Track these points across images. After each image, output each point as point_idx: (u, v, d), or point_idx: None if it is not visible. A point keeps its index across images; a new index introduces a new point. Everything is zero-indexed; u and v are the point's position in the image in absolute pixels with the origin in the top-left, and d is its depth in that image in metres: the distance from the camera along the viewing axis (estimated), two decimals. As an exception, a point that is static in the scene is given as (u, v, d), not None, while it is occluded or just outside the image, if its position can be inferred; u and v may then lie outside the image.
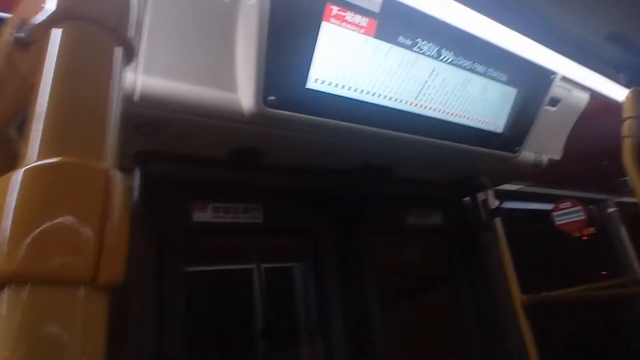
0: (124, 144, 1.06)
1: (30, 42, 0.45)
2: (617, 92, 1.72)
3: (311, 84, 1.03)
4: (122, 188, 0.39)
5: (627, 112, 1.57)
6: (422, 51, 1.21)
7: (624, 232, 3.30)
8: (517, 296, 2.09)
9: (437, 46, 1.22)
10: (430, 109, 1.34)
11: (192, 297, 1.34)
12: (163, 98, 0.89)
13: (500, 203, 2.33)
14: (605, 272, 3.28)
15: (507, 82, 1.47)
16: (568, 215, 2.11)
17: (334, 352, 1.55)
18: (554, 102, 1.77)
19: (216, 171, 1.28)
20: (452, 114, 1.41)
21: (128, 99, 0.86)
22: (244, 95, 0.98)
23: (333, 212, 1.67)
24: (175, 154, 1.17)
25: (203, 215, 1.36)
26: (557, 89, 1.68)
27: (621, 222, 3.32)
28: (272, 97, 0.98)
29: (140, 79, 0.86)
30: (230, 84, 0.98)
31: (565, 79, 1.64)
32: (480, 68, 1.36)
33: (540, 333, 2.06)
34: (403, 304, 2.20)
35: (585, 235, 3.40)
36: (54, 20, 0.41)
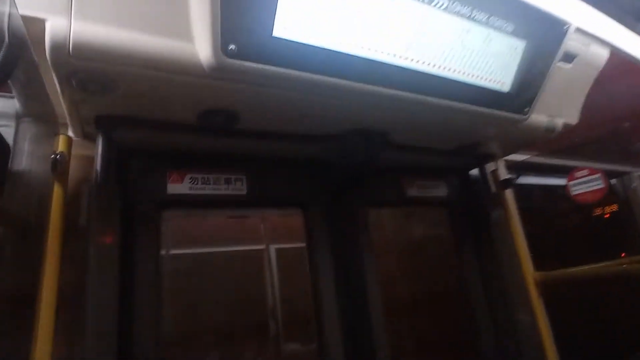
0: (77, 105, 0.97)
1: None
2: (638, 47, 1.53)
3: (279, 31, 0.90)
4: None
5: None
6: (434, 4, 1.07)
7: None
8: (530, 273, 1.95)
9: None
10: (424, 63, 1.19)
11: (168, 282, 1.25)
12: (102, 48, 0.78)
13: (511, 174, 2.17)
14: (624, 255, 3.08)
15: (514, 34, 1.30)
16: (586, 184, 1.93)
17: (328, 339, 1.45)
18: (569, 58, 1.59)
19: (188, 137, 1.18)
20: (451, 70, 1.26)
21: (61, 51, 0.76)
22: (201, 44, 0.87)
23: (325, 184, 1.55)
24: (141, 117, 1.07)
25: (179, 187, 1.26)
26: (572, 43, 1.50)
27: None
28: (233, 46, 0.86)
29: (72, 25, 0.75)
30: (183, 31, 0.86)
31: (581, 31, 1.47)
32: (481, 16, 1.21)
33: (554, 313, 1.94)
34: (405, 284, 2.09)
35: (607, 214, 3.20)
36: None
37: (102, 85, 0.88)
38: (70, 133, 1.11)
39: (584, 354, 2.40)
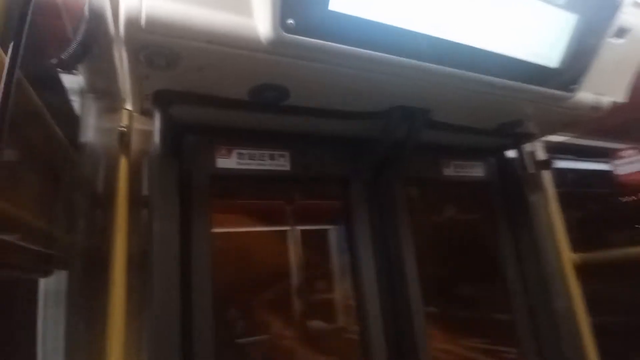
0: (141, 80, 1.02)
1: None
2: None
3: (334, 4, 0.92)
4: None
5: None
6: None
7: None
8: (567, 255, 1.94)
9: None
10: (472, 38, 1.18)
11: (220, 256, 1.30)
12: (173, 22, 0.82)
13: (550, 156, 2.13)
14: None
15: (566, 7, 1.27)
16: (632, 164, 1.88)
17: (367, 312, 1.49)
18: (621, 32, 1.53)
19: (239, 113, 1.21)
20: (499, 45, 1.24)
21: (134, 25, 0.80)
22: (260, 19, 0.89)
23: (365, 161, 1.57)
24: (195, 93, 1.11)
25: (228, 162, 1.31)
26: (625, 16, 1.44)
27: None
28: (291, 21, 0.88)
29: (145, 1, 0.79)
30: (244, 6, 0.89)
31: (635, 4, 1.41)
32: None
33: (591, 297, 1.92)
34: (441, 264, 2.11)
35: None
36: None
37: (166, 59, 0.92)
38: (129, 108, 1.17)
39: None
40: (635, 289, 2.30)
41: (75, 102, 1.10)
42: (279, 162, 1.41)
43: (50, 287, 1.00)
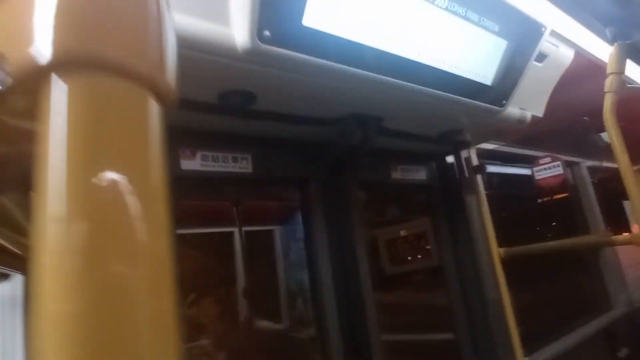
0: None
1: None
2: (602, 50, 1.75)
3: (307, 20, 0.99)
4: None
5: (610, 67, 1.61)
6: (436, 3, 1.19)
7: (592, 194, 3.47)
8: (495, 249, 2.18)
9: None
10: (423, 55, 1.32)
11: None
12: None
13: (482, 161, 2.39)
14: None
15: (499, 33, 1.46)
16: (548, 170, 2.19)
17: (323, 302, 1.58)
18: (541, 57, 1.79)
19: (205, 116, 1.24)
20: (444, 63, 1.40)
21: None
22: (238, 29, 0.94)
23: (322, 163, 1.66)
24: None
25: (192, 163, 1.33)
26: (544, 44, 1.69)
27: (591, 184, 3.49)
28: (268, 32, 0.94)
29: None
30: (221, 15, 0.93)
31: (552, 34, 1.65)
32: (473, 16, 1.35)
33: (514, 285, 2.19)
34: (387, 257, 2.27)
35: (556, 201, 3.57)
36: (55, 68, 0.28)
37: (141, 62, 0.93)
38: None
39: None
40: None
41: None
42: (241, 165, 1.45)
43: (6, 293, 0.94)
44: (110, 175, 0.27)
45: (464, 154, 2.29)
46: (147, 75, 0.31)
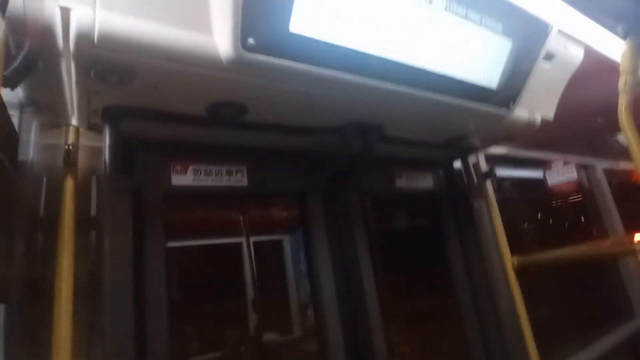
0: (90, 96, 0.96)
1: None
2: (613, 47, 1.66)
3: (294, 26, 0.94)
4: None
5: (624, 65, 1.51)
6: (435, 2, 1.12)
7: (609, 197, 3.33)
8: (508, 258, 2.08)
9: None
10: (421, 59, 1.26)
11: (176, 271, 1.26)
12: (127, 39, 0.79)
13: (491, 166, 2.30)
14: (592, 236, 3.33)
15: (503, 33, 1.39)
16: (560, 175, 2.09)
17: (326, 318, 1.51)
18: (549, 57, 1.70)
19: (195, 129, 1.19)
20: (445, 66, 1.33)
21: (86, 40, 0.76)
22: (220, 37, 0.89)
23: (322, 174, 1.60)
24: (149, 109, 1.07)
25: (183, 179, 1.28)
26: (552, 43, 1.60)
27: (608, 187, 3.35)
28: (252, 41, 0.89)
29: (99, 15, 0.75)
30: (203, 24, 0.88)
31: (560, 32, 1.57)
32: (474, 16, 1.28)
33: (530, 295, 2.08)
34: (394, 269, 2.18)
35: (572, 204, 3.44)
36: None
37: (120, 76, 0.88)
38: (75, 123, 1.10)
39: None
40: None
41: (14, 117, 1.01)
42: (236, 178, 1.39)
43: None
44: None
45: (472, 159, 2.20)
46: None
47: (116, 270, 1.01)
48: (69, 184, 0.99)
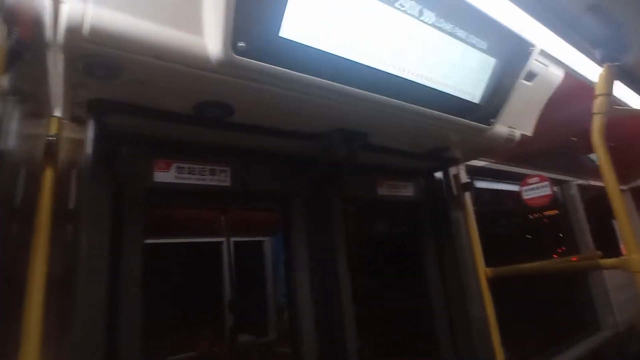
0: (75, 88, 0.96)
1: None
2: (591, 70, 1.73)
3: (285, 32, 0.95)
4: None
5: (599, 88, 1.58)
6: (404, 9, 1.15)
7: (582, 213, 3.45)
8: (482, 268, 2.14)
9: (419, 5, 1.16)
10: (408, 72, 1.29)
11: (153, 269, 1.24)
12: (118, 34, 0.79)
13: (471, 178, 2.36)
14: (564, 248, 3.44)
15: (487, 51, 1.44)
16: (535, 190, 2.16)
17: (301, 321, 1.53)
18: (530, 76, 1.77)
19: (181, 126, 1.19)
20: (430, 80, 1.36)
21: (76, 33, 0.76)
22: (211, 39, 0.90)
23: (305, 178, 1.61)
24: (135, 104, 1.07)
25: (166, 175, 1.27)
26: (533, 63, 1.67)
27: (581, 203, 3.47)
28: (242, 44, 0.90)
29: (90, 9, 0.75)
30: (195, 25, 0.89)
31: (542, 53, 1.63)
32: (461, 33, 1.32)
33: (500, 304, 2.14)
34: (372, 274, 2.21)
35: (546, 218, 3.56)
36: None
37: (107, 70, 0.88)
38: (58, 114, 1.08)
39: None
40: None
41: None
42: (219, 178, 1.39)
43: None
44: None
45: (452, 170, 2.26)
46: None
47: (92, 265, 1.00)
48: (48, 175, 0.97)
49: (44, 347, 0.88)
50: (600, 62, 1.59)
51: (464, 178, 2.30)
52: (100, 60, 0.84)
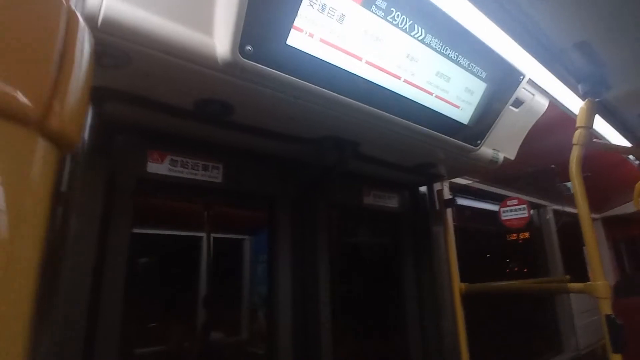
0: (80, 74, 0.97)
1: None
2: (574, 103, 1.83)
3: (292, 40, 0.99)
4: (87, 38, 0.31)
5: (580, 121, 1.67)
6: (413, 34, 1.21)
7: (555, 237, 3.58)
8: (457, 283, 2.21)
9: (423, 30, 1.22)
10: (403, 89, 1.34)
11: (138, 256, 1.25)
12: (130, 27, 0.81)
13: (454, 195, 2.43)
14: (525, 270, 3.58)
15: (479, 76, 1.51)
16: (513, 212, 2.25)
17: (278, 322, 1.55)
18: (517, 103, 1.85)
19: (179, 120, 1.20)
20: (424, 99, 1.42)
21: (89, 22, 0.78)
22: (220, 40, 0.92)
23: (294, 182, 1.64)
24: (136, 95, 1.08)
25: (159, 167, 1.28)
26: (522, 91, 1.75)
27: (555, 228, 3.60)
28: (250, 48, 0.93)
29: (105, 1, 0.77)
30: (206, 25, 0.91)
31: (530, 82, 1.72)
32: (461, 59, 1.38)
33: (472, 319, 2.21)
34: (351, 281, 2.25)
35: (521, 240, 3.69)
36: None
37: (115, 60, 0.90)
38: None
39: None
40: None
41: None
42: (211, 174, 1.41)
43: None
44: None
45: (437, 186, 2.33)
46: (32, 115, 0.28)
47: (79, 249, 1.01)
48: (43, 157, 0.98)
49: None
50: (582, 96, 1.68)
51: (447, 194, 2.37)
52: (109, 50, 0.86)
